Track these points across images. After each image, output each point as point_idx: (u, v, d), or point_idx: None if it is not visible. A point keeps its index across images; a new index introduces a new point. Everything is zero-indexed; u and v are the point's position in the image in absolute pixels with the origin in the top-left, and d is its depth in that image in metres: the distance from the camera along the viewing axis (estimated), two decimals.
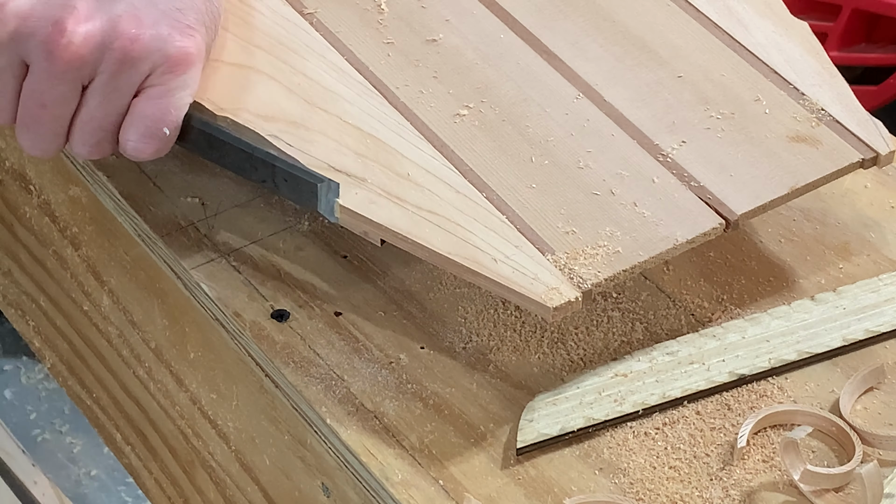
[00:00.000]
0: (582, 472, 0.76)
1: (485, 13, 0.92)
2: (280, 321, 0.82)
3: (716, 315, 0.84)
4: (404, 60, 0.88)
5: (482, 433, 0.78)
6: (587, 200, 0.80)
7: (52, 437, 2.04)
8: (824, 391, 0.80)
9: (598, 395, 0.79)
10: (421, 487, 0.75)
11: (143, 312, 0.93)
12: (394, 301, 0.84)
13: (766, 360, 0.81)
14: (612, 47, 0.90)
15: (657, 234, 0.79)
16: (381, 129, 0.83)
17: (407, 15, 0.91)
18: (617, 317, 0.84)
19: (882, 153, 0.84)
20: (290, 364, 0.80)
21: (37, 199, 1.02)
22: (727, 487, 0.75)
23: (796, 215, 0.90)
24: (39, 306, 1.10)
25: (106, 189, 0.91)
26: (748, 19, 0.92)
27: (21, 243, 1.08)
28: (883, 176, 0.93)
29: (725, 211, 0.80)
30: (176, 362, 0.92)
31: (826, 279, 0.86)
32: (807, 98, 0.87)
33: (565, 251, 0.78)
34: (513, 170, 0.82)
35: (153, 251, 0.88)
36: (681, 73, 0.88)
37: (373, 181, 0.80)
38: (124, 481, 1.97)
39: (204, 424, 0.91)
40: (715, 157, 0.83)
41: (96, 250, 0.96)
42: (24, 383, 2.12)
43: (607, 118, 0.85)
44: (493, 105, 0.86)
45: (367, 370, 0.80)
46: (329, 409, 0.78)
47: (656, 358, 0.81)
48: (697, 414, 0.79)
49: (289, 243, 0.87)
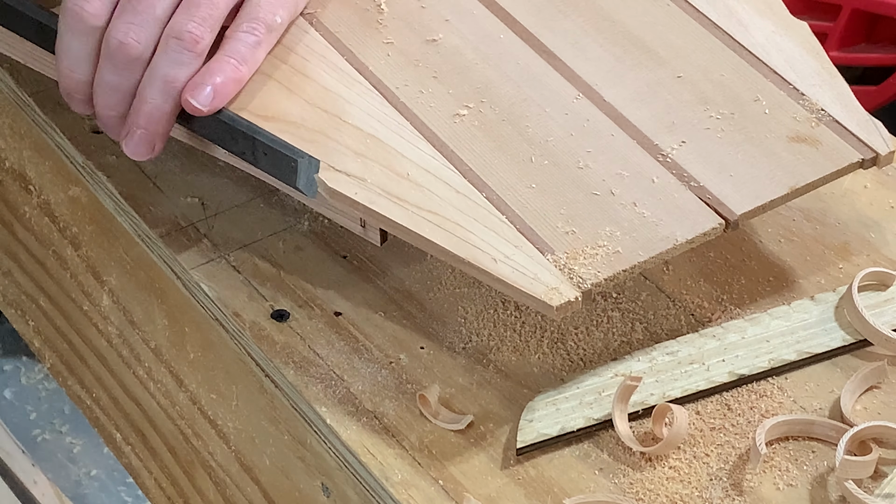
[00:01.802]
0: (582, 472, 0.76)
1: (485, 13, 0.92)
2: (280, 321, 0.82)
3: (716, 315, 0.84)
4: (404, 60, 0.88)
5: (482, 433, 0.78)
6: (587, 200, 0.80)
7: (52, 437, 2.04)
8: (824, 391, 0.80)
9: (598, 395, 0.79)
10: (421, 487, 0.75)
11: (143, 312, 0.93)
12: (394, 301, 0.84)
13: (766, 360, 0.81)
14: (612, 47, 0.90)
15: (657, 234, 0.79)
16: (381, 129, 0.83)
17: (407, 15, 0.91)
18: (617, 317, 0.84)
19: (882, 153, 0.84)
20: (289, 364, 0.80)
21: (37, 199, 1.02)
22: (727, 487, 0.75)
23: (796, 215, 0.90)
24: (39, 306, 1.10)
25: (106, 189, 0.91)
26: (748, 19, 0.92)
27: (21, 243, 1.08)
28: (883, 176, 0.93)
29: (725, 211, 0.80)
30: (176, 362, 0.92)
31: (826, 279, 0.86)
32: (807, 98, 0.87)
33: (565, 251, 0.78)
34: (512, 170, 0.82)
35: (153, 251, 0.88)
36: (681, 73, 0.88)
37: (373, 181, 0.80)
38: (124, 481, 1.97)
39: (204, 424, 0.91)
40: (715, 157, 0.83)
41: (96, 250, 0.96)
42: (24, 383, 2.12)
43: (607, 118, 0.85)
44: (493, 105, 0.86)
45: (367, 370, 0.80)
46: (329, 409, 0.78)
47: (656, 358, 0.81)
48: (697, 414, 0.79)
49: (289, 243, 0.87)
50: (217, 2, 0.81)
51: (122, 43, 0.80)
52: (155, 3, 0.81)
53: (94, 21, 0.81)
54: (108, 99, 0.83)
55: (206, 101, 0.80)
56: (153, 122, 0.82)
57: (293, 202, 0.89)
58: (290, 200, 0.89)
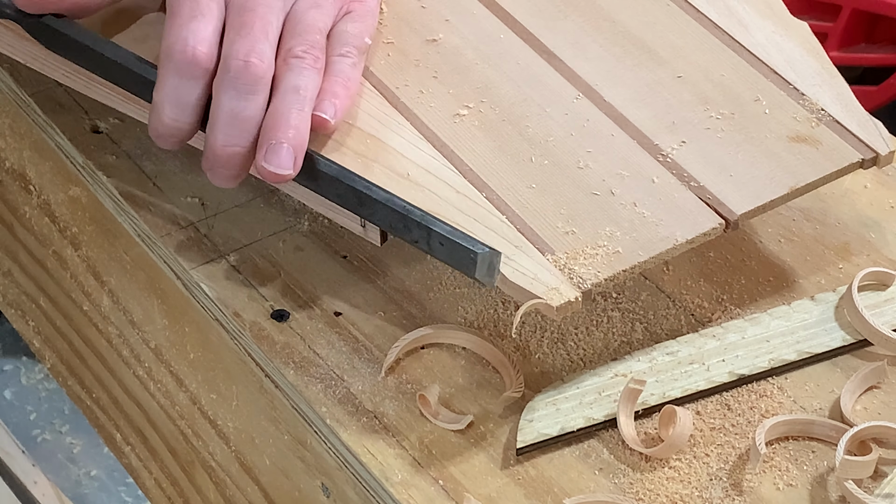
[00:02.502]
0: (582, 472, 0.76)
1: (485, 13, 0.92)
2: (280, 321, 0.82)
3: (716, 315, 0.84)
4: (404, 60, 0.88)
5: (482, 433, 0.78)
6: (587, 200, 0.80)
7: (52, 437, 2.04)
8: (824, 391, 0.80)
9: (598, 395, 0.79)
10: (421, 487, 0.75)
11: (143, 312, 0.93)
12: (394, 301, 0.84)
13: (766, 360, 0.81)
14: (612, 47, 0.90)
15: (657, 235, 0.79)
16: (381, 129, 0.83)
17: (407, 15, 0.91)
18: (617, 317, 0.84)
19: (882, 153, 0.84)
20: (289, 364, 0.80)
21: (37, 199, 1.02)
22: (727, 487, 0.75)
23: (796, 215, 0.90)
24: (39, 306, 1.10)
25: (106, 189, 0.91)
26: (748, 19, 0.92)
27: (21, 243, 1.08)
28: (883, 176, 0.93)
29: (725, 211, 0.80)
30: (176, 362, 0.92)
31: (826, 279, 0.86)
32: (807, 98, 0.87)
33: (565, 251, 0.78)
34: (513, 170, 0.82)
35: (153, 251, 0.88)
36: (681, 73, 0.88)
37: (373, 181, 0.79)
38: (124, 481, 1.98)
39: (204, 424, 0.91)
40: (715, 157, 0.83)
41: (96, 250, 0.96)
42: (24, 383, 2.12)
43: (607, 118, 0.85)
44: (493, 105, 0.86)
45: (367, 370, 0.80)
46: (329, 409, 0.78)
47: (656, 358, 0.81)
48: (697, 414, 0.79)
49: (289, 243, 0.87)
50: (322, 28, 0.82)
51: (247, 62, 0.78)
52: (266, 28, 0.80)
53: (208, 63, 0.79)
54: (234, 130, 0.79)
55: (332, 113, 0.80)
56: (300, 133, 0.79)
57: (293, 202, 0.89)
58: (290, 200, 0.89)
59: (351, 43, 0.83)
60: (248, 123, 0.79)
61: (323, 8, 0.83)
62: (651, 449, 0.76)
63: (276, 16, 0.81)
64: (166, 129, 0.81)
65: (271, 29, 0.81)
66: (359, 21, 0.85)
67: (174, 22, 0.80)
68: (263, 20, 0.80)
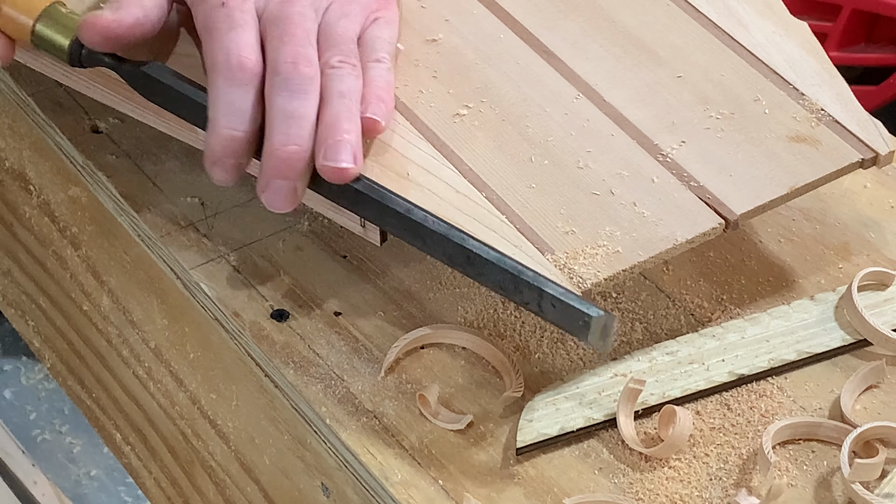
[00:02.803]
0: (582, 472, 0.76)
1: (485, 13, 0.92)
2: (280, 321, 0.82)
3: (715, 315, 0.84)
4: (404, 60, 0.88)
5: (482, 433, 0.78)
6: (587, 200, 0.80)
7: (52, 437, 2.04)
8: (824, 391, 0.80)
9: (598, 395, 0.79)
10: (421, 487, 0.75)
11: (143, 312, 0.93)
12: (393, 301, 0.84)
13: (766, 360, 0.81)
14: (612, 47, 0.90)
15: (657, 234, 0.79)
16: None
17: (407, 15, 0.91)
18: (617, 317, 0.84)
19: (882, 153, 0.84)
20: (289, 364, 0.80)
21: (37, 199, 1.02)
22: (727, 487, 0.75)
23: (796, 215, 0.90)
24: (39, 306, 1.10)
25: (106, 189, 0.91)
26: (748, 19, 0.92)
27: (21, 243, 1.08)
28: (883, 176, 0.93)
29: (725, 211, 0.80)
30: (175, 362, 0.92)
31: (826, 279, 0.86)
32: (807, 98, 0.87)
33: (565, 251, 0.78)
34: (512, 169, 0.82)
35: (153, 251, 0.88)
36: (681, 73, 0.88)
37: (372, 180, 0.79)
38: (124, 481, 1.98)
39: (204, 424, 0.91)
40: (715, 157, 0.83)
41: (96, 250, 0.96)
42: (24, 383, 2.12)
43: (607, 118, 0.85)
44: (493, 105, 0.86)
45: (367, 370, 0.80)
46: (329, 409, 0.78)
47: (656, 358, 0.81)
48: (697, 414, 0.79)
49: (289, 243, 0.87)
50: (353, 37, 0.84)
51: (295, 63, 0.79)
52: (308, 34, 0.82)
53: (255, 68, 0.80)
54: (290, 129, 0.79)
55: (382, 114, 0.81)
56: (354, 134, 0.79)
57: None
58: None
59: (384, 49, 0.85)
60: (303, 121, 0.79)
61: (352, 17, 0.84)
62: (651, 449, 0.76)
63: (312, 24, 0.83)
64: (222, 142, 0.80)
65: (311, 35, 0.82)
66: (386, 27, 0.86)
67: (213, 36, 0.81)
68: (302, 28, 0.82)
